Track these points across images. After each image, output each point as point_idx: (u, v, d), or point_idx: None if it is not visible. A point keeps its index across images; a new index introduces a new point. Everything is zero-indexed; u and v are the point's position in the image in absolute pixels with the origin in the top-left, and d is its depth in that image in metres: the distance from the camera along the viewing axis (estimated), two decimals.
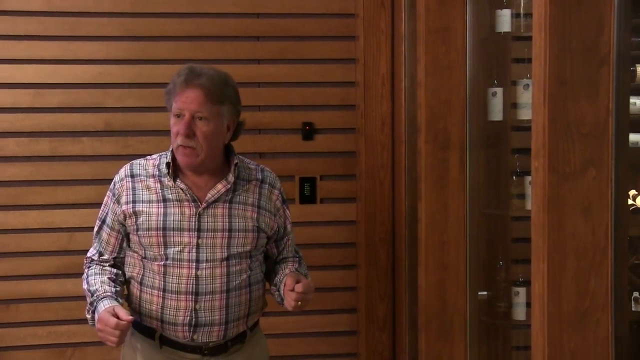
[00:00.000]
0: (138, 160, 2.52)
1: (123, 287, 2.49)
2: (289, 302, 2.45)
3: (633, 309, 2.50)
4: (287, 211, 2.62)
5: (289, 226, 2.64)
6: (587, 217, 2.05)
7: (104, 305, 2.33)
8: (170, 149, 2.45)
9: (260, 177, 2.55)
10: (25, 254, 3.54)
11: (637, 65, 2.77)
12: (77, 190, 3.50)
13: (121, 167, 2.53)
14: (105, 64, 3.53)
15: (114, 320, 2.25)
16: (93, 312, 2.37)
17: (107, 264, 2.49)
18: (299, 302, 2.41)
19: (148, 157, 2.54)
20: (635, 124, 2.74)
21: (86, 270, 2.50)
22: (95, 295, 2.39)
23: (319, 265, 3.68)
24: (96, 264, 2.49)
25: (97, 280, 2.44)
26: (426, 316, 3.02)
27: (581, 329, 2.05)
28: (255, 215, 2.50)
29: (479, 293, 2.98)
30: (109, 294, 2.38)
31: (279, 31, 3.62)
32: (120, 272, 2.50)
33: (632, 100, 2.58)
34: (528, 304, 2.84)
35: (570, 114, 2.03)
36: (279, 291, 2.55)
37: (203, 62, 3.39)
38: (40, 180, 3.53)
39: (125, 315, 2.28)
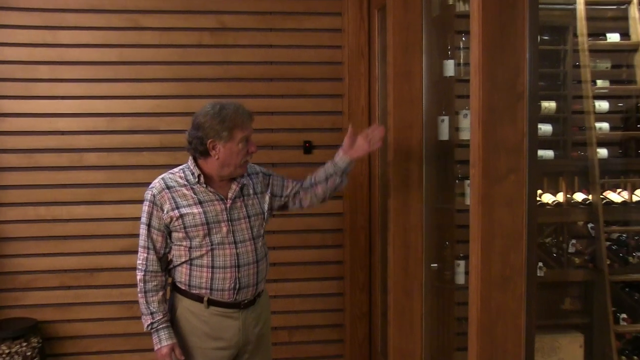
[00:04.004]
0: (167, 175, 2.46)
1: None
2: (363, 145, 2.55)
3: (539, 274, 2.51)
4: (273, 172, 2.62)
5: (278, 174, 2.62)
6: (509, 209, 2.05)
7: (165, 339, 2.39)
8: (192, 163, 2.43)
9: (248, 171, 2.55)
10: (103, 236, 3.55)
11: (541, 101, 2.78)
12: (140, 190, 3.38)
13: (155, 181, 2.46)
14: (160, 99, 3.54)
15: None
16: (152, 330, 2.41)
17: (160, 272, 2.43)
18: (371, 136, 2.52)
19: (171, 171, 2.48)
20: (542, 143, 2.77)
21: (143, 279, 2.42)
22: (155, 318, 2.40)
23: (315, 245, 3.70)
24: (151, 274, 2.42)
25: (154, 299, 2.41)
26: (394, 281, 3.00)
27: (504, 290, 2.05)
28: (257, 201, 2.51)
29: (432, 265, 2.97)
30: (165, 320, 2.41)
31: (286, 74, 3.62)
32: (164, 279, 2.46)
33: (539, 126, 2.60)
34: (466, 272, 2.84)
35: (498, 135, 2.03)
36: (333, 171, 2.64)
37: (230, 97, 3.43)
38: (113, 183, 3.54)
39: (180, 354, 2.39)
